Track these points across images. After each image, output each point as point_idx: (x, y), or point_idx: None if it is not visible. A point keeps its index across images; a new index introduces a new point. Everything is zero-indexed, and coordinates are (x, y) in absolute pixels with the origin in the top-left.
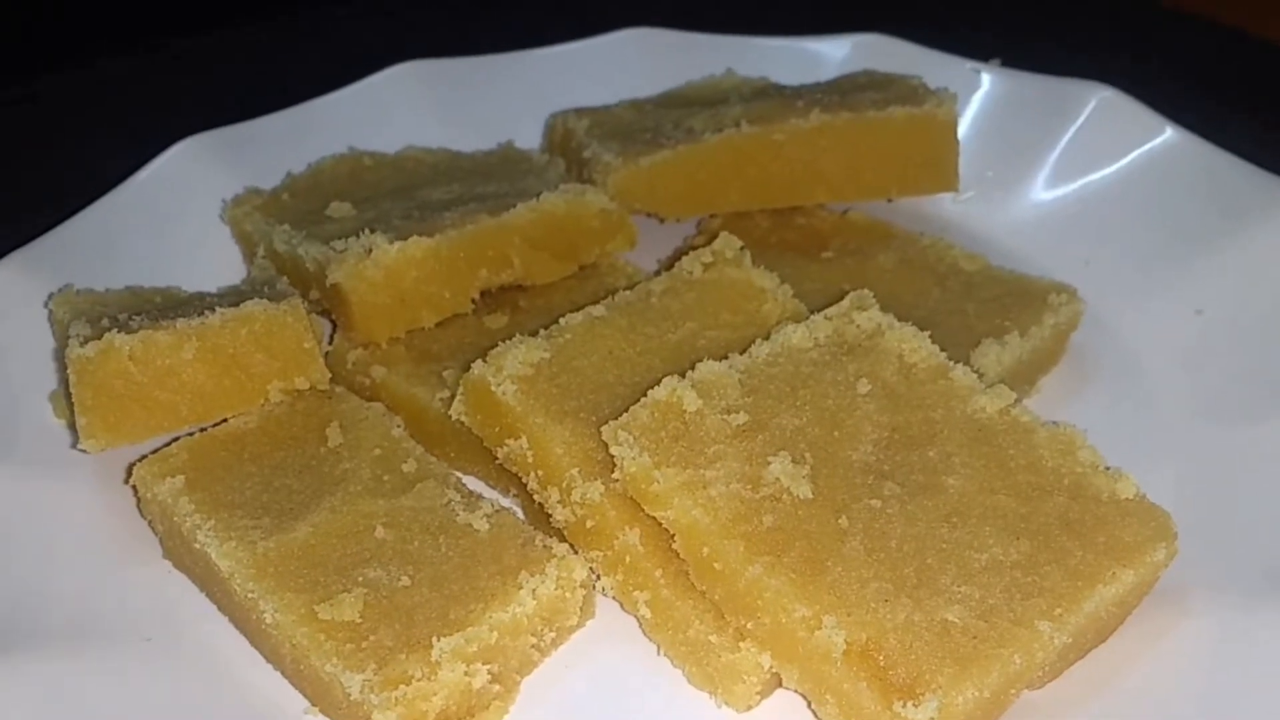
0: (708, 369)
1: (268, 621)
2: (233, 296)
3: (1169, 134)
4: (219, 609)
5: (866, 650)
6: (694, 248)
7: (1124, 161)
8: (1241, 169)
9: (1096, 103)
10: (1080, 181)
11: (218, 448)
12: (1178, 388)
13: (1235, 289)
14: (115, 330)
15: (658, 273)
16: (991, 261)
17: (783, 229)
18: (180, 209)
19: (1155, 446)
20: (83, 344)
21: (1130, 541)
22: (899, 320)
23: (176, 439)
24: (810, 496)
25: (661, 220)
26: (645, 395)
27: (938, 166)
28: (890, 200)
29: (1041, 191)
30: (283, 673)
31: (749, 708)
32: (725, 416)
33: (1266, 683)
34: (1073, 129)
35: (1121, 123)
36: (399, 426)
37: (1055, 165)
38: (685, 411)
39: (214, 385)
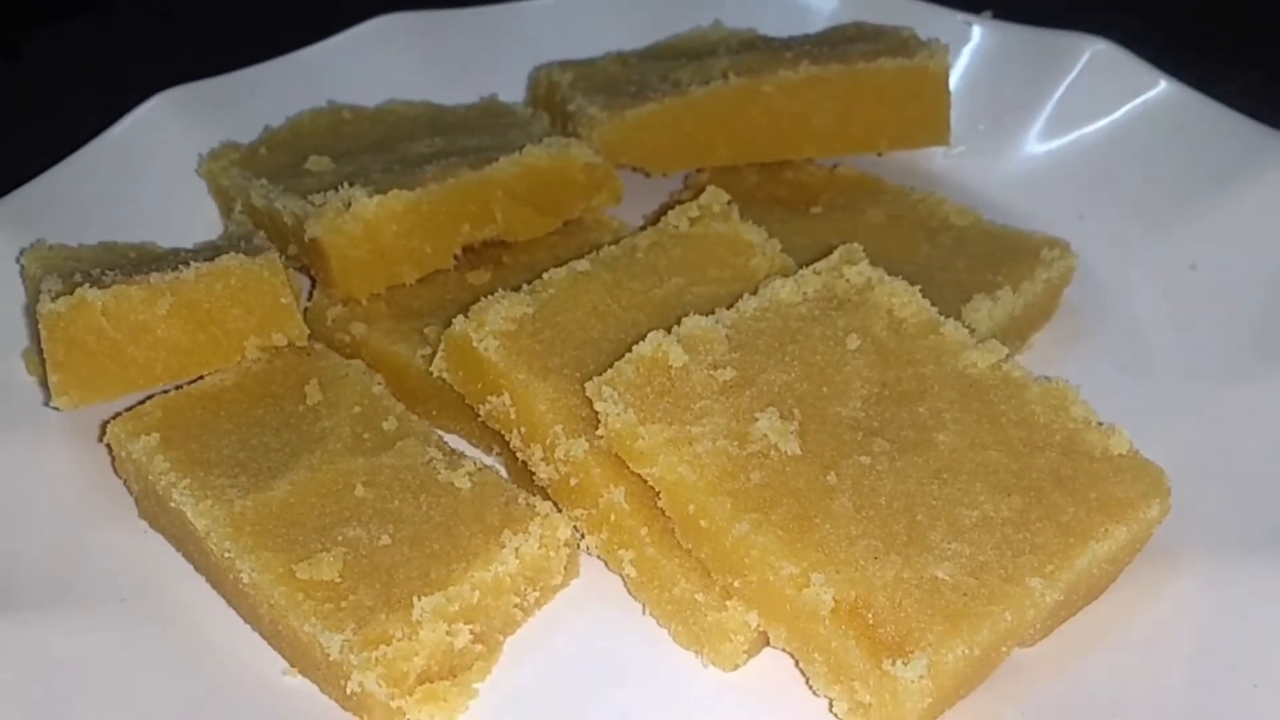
0: (694, 324)
1: (245, 581)
2: (209, 251)
3: (1163, 86)
4: (196, 569)
5: (855, 608)
6: (680, 202)
7: (1118, 114)
8: (1236, 122)
9: (1090, 55)
10: (1073, 135)
11: (193, 405)
12: (1171, 343)
13: (1229, 243)
14: (87, 285)
15: (643, 227)
16: (983, 216)
17: (771, 183)
18: (156, 164)
19: (1148, 402)
20: (54, 299)
21: (1123, 498)
22: (889, 275)
23: (151, 396)
24: (798, 453)
25: (647, 174)
26: (630, 351)
27: (929, 120)
28: (880, 154)
29: (1034, 145)
30: (261, 633)
31: (736, 667)
32: (712, 372)
33: (1260, 640)
34: (1066, 82)
35: (1115, 75)
36: (379, 384)
37: (1048, 118)
38: (671, 367)
39: (189, 341)
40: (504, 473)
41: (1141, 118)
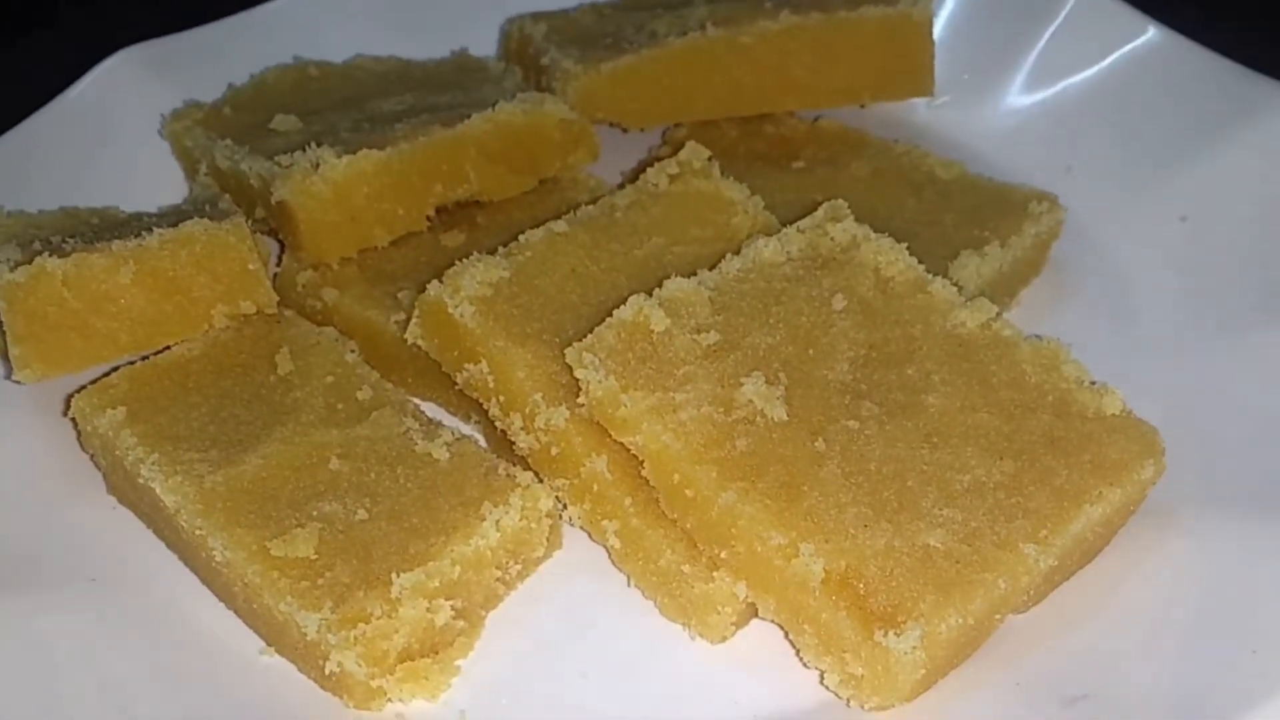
0: (676, 286)
1: (218, 559)
2: (173, 216)
3: (1151, 33)
4: (167, 547)
5: (845, 578)
6: (659, 159)
7: (1105, 63)
8: (1226, 68)
9: (1075, 1)
10: (1060, 84)
11: (160, 377)
12: (1163, 298)
13: (1220, 194)
14: (47, 254)
15: (622, 185)
16: (969, 169)
17: (752, 138)
18: (117, 125)
19: (1141, 359)
20: (13, 269)
21: (1117, 459)
22: (874, 232)
23: (117, 368)
24: (785, 418)
25: (625, 130)
26: (611, 315)
27: (912, 70)
28: (863, 106)
29: (1019, 95)
30: (236, 612)
31: (724, 639)
32: (695, 336)
33: (1255, 601)
34: (1051, 29)
35: (1102, 22)
36: (353, 351)
37: (1033, 67)
38: (653, 331)
39: (154, 310)
40: (483, 442)
41: (1129, 66)
